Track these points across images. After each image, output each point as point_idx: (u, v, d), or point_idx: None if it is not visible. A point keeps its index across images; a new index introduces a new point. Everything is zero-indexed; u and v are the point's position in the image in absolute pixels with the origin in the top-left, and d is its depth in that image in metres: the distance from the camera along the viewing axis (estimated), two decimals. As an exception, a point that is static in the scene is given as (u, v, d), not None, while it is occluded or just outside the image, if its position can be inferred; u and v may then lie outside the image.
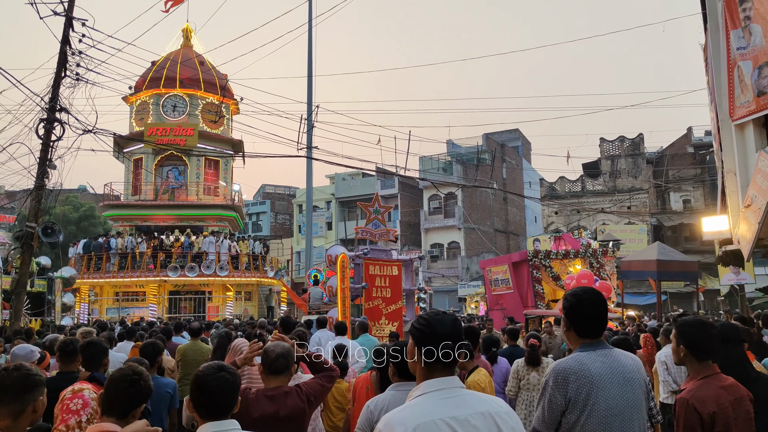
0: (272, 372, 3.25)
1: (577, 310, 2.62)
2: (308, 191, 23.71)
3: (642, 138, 40.52)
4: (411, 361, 2.22)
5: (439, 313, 2.28)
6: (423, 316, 2.23)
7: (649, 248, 15.77)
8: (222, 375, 2.43)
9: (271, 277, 28.65)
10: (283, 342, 3.35)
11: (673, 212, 39.04)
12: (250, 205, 54.22)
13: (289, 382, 3.41)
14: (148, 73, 28.37)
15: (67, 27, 13.47)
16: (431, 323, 2.17)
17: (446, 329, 2.16)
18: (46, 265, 16.43)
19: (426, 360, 2.13)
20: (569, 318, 2.65)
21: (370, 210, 11.11)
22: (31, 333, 10.83)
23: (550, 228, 41.54)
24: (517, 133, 55.58)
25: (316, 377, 3.50)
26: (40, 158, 12.96)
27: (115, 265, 26.03)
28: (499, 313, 17.55)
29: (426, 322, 2.17)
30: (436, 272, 42.08)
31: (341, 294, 10.17)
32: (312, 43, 23.59)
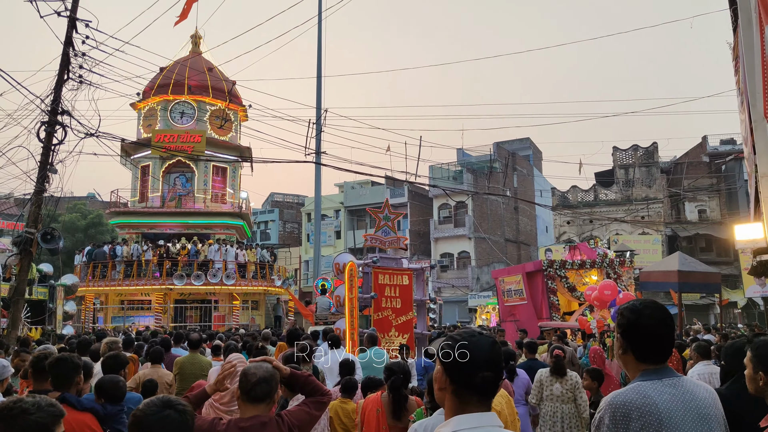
0: (251, 399, 2.74)
1: (637, 328, 2.12)
2: (317, 197, 23.30)
3: (656, 147, 39.89)
4: (439, 391, 1.86)
5: (475, 333, 1.89)
6: (455, 337, 1.89)
7: (669, 258, 15.18)
8: (167, 414, 1.96)
9: (279, 286, 28.20)
10: (265, 364, 2.84)
11: (688, 222, 38.30)
12: (258, 214, 53.92)
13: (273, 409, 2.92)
14: (156, 80, 28.15)
15: (71, 28, 13.14)
16: (465, 346, 1.83)
17: (484, 354, 1.81)
18: (48, 273, 16.06)
19: (458, 391, 1.80)
20: (627, 338, 2.14)
21: (379, 216, 10.63)
22: (27, 342, 10.42)
23: (562, 238, 40.88)
24: (527, 142, 55.07)
25: (303, 403, 2.97)
26: (40, 162, 12.60)
27: (120, 272, 25.67)
28: (512, 325, 16.99)
29: (460, 346, 1.84)
30: (446, 282, 41.49)
31: (349, 304, 9.67)
32: (321, 45, 23.26)
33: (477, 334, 1.89)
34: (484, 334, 1.92)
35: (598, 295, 9.04)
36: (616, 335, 2.21)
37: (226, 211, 29.09)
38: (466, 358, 1.79)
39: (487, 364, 1.80)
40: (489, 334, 1.99)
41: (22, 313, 14.77)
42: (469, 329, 2.04)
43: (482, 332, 1.96)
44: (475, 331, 1.97)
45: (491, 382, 1.79)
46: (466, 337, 1.86)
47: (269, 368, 2.77)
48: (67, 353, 3.56)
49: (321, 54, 23.22)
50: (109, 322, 26.01)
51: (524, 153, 53.31)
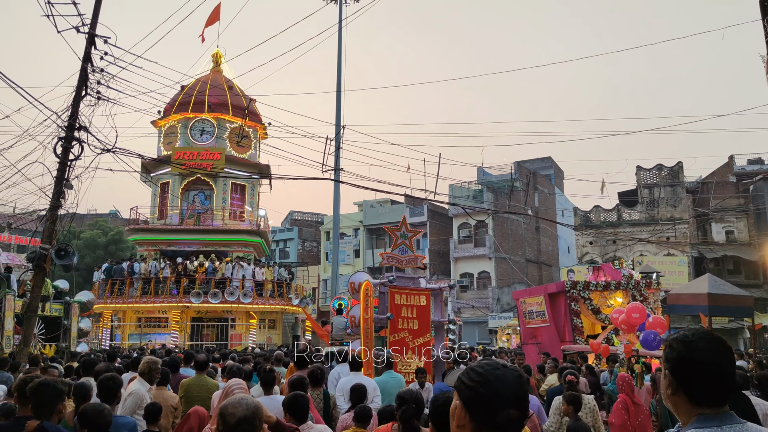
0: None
1: (690, 363, 1.77)
2: (335, 215, 23.07)
3: (681, 166, 39.13)
4: (457, 429, 1.68)
5: (498, 366, 1.69)
6: (477, 370, 1.71)
7: (698, 280, 14.60)
8: None
9: (296, 305, 27.92)
10: (247, 399, 2.48)
11: (715, 244, 37.33)
12: (277, 232, 53.93)
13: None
14: (177, 98, 28.34)
15: (89, 44, 13.15)
16: (489, 381, 1.65)
17: (510, 390, 1.63)
18: (64, 289, 15.96)
19: (480, 429, 1.62)
20: (677, 376, 1.79)
21: (396, 234, 10.30)
22: (37, 360, 10.22)
23: (585, 259, 40.11)
24: (549, 161, 54.52)
25: None
26: (56, 177, 12.54)
27: (138, 290, 25.61)
28: (534, 347, 16.47)
29: (482, 379, 1.66)
30: (465, 303, 40.89)
31: (364, 325, 9.33)
32: (341, 60, 23.18)
33: (501, 366, 1.69)
34: (509, 366, 1.71)
35: (625, 318, 8.58)
36: (663, 372, 1.86)
37: (244, 228, 28.99)
38: (490, 392, 1.61)
39: (513, 401, 1.61)
40: (514, 368, 1.74)
41: (36, 330, 14.66)
42: (492, 361, 1.78)
43: (507, 365, 1.72)
44: (499, 362, 1.73)
45: (517, 420, 1.60)
46: (490, 370, 1.67)
47: (251, 405, 2.40)
48: (51, 379, 3.28)
49: (341, 68, 23.15)
50: (126, 339, 25.90)
51: (545, 172, 52.76)
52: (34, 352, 13.81)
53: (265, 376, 6.37)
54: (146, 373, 6.60)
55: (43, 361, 12.09)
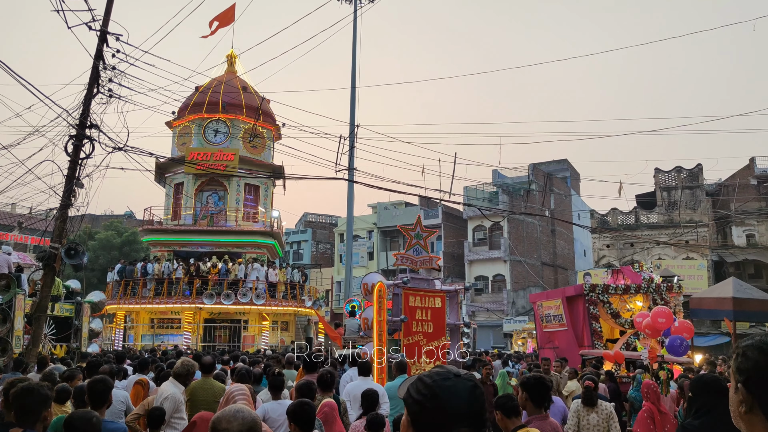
0: None
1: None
2: (349, 215, 22.82)
3: (701, 168, 38.43)
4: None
5: (450, 376, 1.50)
6: (425, 381, 1.51)
7: (723, 284, 14.14)
8: None
9: (309, 307, 27.71)
10: (244, 411, 2.14)
11: (735, 247, 36.58)
12: (291, 234, 53.82)
13: None
14: (191, 98, 28.29)
15: (101, 42, 13.01)
16: (437, 394, 1.46)
17: (461, 404, 1.44)
18: (75, 289, 15.84)
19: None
20: (754, 390, 1.49)
21: (411, 234, 10.01)
22: (45, 361, 10.05)
23: (602, 262, 39.52)
24: (565, 164, 53.95)
25: None
26: (67, 176, 12.40)
27: (151, 290, 25.53)
28: (551, 352, 16.08)
29: (429, 392, 1.47)
30: (480, 306, 40.46)
31: (377, 327, 9.05)
32: (356, 56, 22.94)
33: (454, 376, 1.50)
34: (462, 376, 1.52)
35: (650, 323, 8.20)
36: (734, 385, 1.55)
37: (258, 230, 28.84)
38: (439, 407, 1.43)
39: (465, 418, 1.43)
40: (469, 377, 1.53)
41: (47, 330, 14.55)
42: (444, 369, 1.56)
43: (460, 374, 1.53)
44: (451, 371, 1.52)
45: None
46: (439, 380, 1.48)
47: (247, 419, 2.08)
48: (36, 383, 3.03)
49: (355, 63, 22.89)
50: (139, 340, 25.84)
51: (562, 175, 52.19)
52: (44, 353, 13.68)
53: (273, 379, 6.12)
54: (182, 375, 6.42)
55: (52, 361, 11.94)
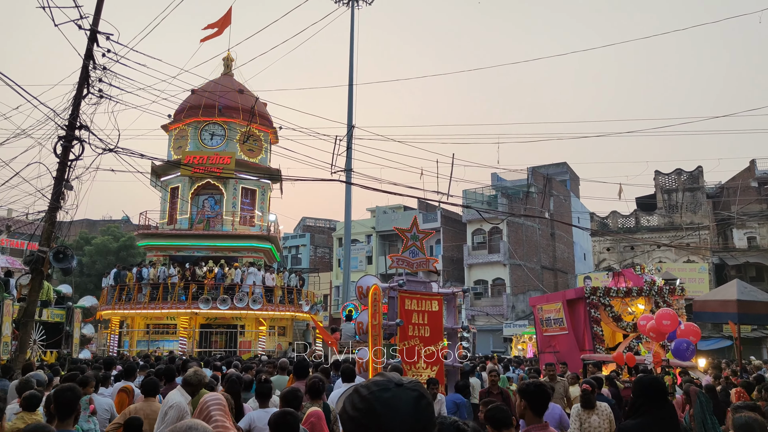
0: None
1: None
2: (346, 218, 22.53)
3: (701, 171, 38.21)
4: None
5: (390, 386, 1.27)
6: (362, 393, 1.30)
7: (727, 286, 13.87)
8: None
9: (306, 312, 27.40)
10: (197, 427, 1.85)
11: (737, 250, 36.31)
12: (289, 238, 53.53)
13: None
14: (187, 102, 28.05)
15: (91, 41, 12.76)
16: (374, 409, 1.24)
17: (402, 421, 1.22)
18: (66, 294, 15.54)
19: None
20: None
21: (407, 235, 9.72)
22: (30, 368, 9.74)
23: (602, 265, 39.26)
24: (564, 167, 53.74)
25: None
26: (56, 178, 12.12)
27: (146, 296, 25.21)
28: (552, 356, 15.79)
29: (366, 406, 1.26)
30: (479, 310, 40.15)
31: (372, 331, 8.76)
32: (353, 52, 22.69)
33: (394, 385, 1.29)
34: (405, 385, 1.30)
35: (654, 326, 7.92)
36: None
37: (254, 234, 28.55)
38: (377, 425, 1.23)
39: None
40: (413, 386, 1.30)
41: (37, 336, 14.26)
42: (384, 378, 1.31)
43: (402, 382, 1.31)
44: (392, 380, 1.31)
45: None
46: (376, 391, 1.27)
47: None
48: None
49: (353, 58, 22.64)
50: (135, 346, 25.52)
51: (561, 178, 51.96)
52: (33, 359, 13.38)
53: (260, 386, 5.83)
54: (193, 384, 6.17)
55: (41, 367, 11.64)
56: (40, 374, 7.09)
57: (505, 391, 7.78)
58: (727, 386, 9.09)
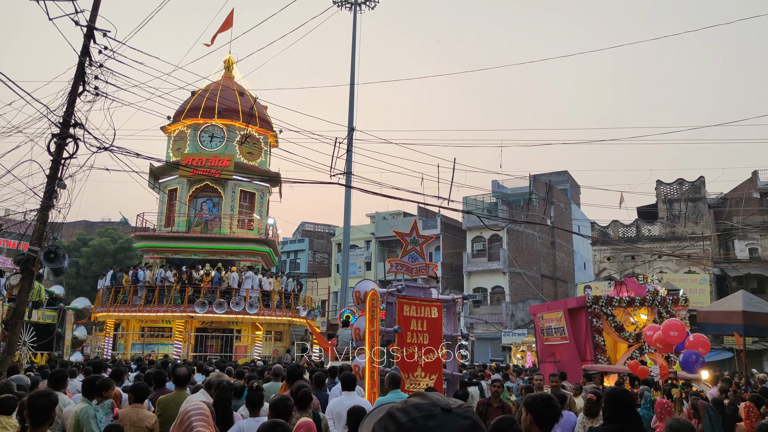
0: None
1: None
2: (345, 221, 22.28)
3: (703, 181, 38.00)
4: None
5: (436, 411, 0.98)
6: (402, 421, 1.00)
7: (732, 297, 13.60)
8: None
9: (304, 317, 27.08)
10: None
11: (738, 261, 36.05)
12: (288, 243, 53.25)
13: None
14: (187, 103, 27.85)
15: (88, 38, 12.54)
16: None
17: None
18: (59, 295, 15.26)
19: None
20: None
21: (406, 240, 9.47)
22: (15, 370, 9.48)
23: (602, 275, 39.00)
24: (565, 175, 53.54)
25: None
26: (49, 176, 11.87)
27: (141, 298, 24.90)
28: (552, 366, 15.50)
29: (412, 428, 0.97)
30: (478, 318, 39.83)
31: (369, 338, 8.49)
32: (355, 51, 22.48)
33: (441, 411, 1.01)
34: (453, 411, 1.03)
35: (661, 336, 7.66)
36: None
37: (253, 237, 28.27)
38: None
39: None
40: (464, 411, 1.03)
41: (27, 337, 13.98)
42: (427, 401, 1.04)
43: (450, 407, 1.03)
44: (437, 403, 1.03)
45: None
46: (419, 418, 0.99)
47: None
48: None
49: (354, 56, 22.43)
50: (129, 349, 25.19)
51: (562, 186, 51.75)
52: (23, 361, 13.10)
53: (251, 395, 5.55)
54: (215, 386, 6.12)
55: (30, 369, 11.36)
56: (22, 378, 6.82)
57: (506, 405, 7.36)
58: (735, 400, 8.81)
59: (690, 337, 7.63)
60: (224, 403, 5.68)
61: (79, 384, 9.62)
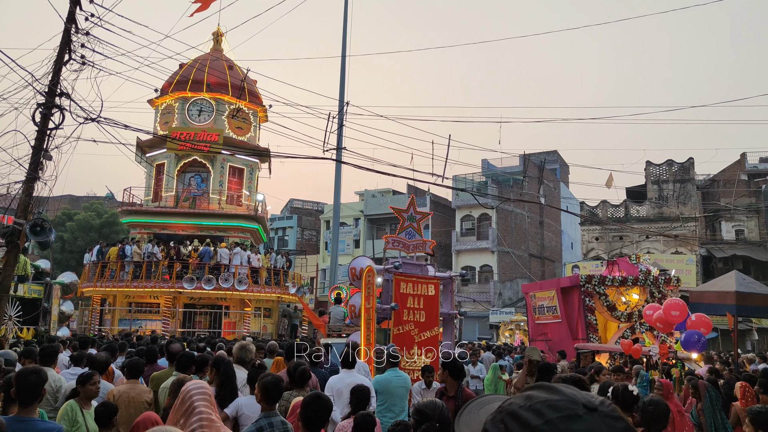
0: None
1: None
2: (335, 198, 22.03)
3: (692, 162, 38.09)
4: None
5: (577, 410, 0.76)
6: (534, 424, 0.77)
7: (725, 277, 13.58)
8: None
9: (293, 294, 26.94)
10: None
11: (725, 242, 36.33)
12: (276, 219, 52.93)
13: None
14: (174, 76, 27.26)
15: (74, 4, 12.11)
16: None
17: None
18: (45, 269, 14.96)
19: None
20: None
21: (403, 216, 9.29)
22: (0, 345, 9.25)
23: (590, 255, 39.17)
24: (555, 155, 53.52)
25: None
26: (34, 147, 11.52)
27: (128, 273, 24.58)
28: (543, 344, 15.53)
29: None
30: (466, 297, 39.94)
31: (365, 315, 8.35)
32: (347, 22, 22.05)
33: (583, 410, 0.78)
34: (598, 410, 0.79)
35: (662, 316, 7.58)
36: None
37: (241, 213, 27.96)
38: None
39: None
40: (611, 411, 0.81)
41: (12, 312, 13.71)
42: (563, 397, 0.81)
43: (594, 404, 0.79)
44: (577, 400, 0.80)
45: None
46: (557, 420, 0.76)
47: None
48: None
49: (346, 29, 22.00)
50: (116, 324, 24.94)
51: (551, 166, 51.74)
52: (9, 336, 12.86)
53: (253, 372, 5.39)
54: (244, 361, 6.02)
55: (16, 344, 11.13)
56: (10, 353, 6.61)
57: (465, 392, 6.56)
58: (730, 380, 8.81)
59: (692, 316, 7.56)
60: (230, 380, 5.50)
61: (66, 359, 9.46)
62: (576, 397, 0.77)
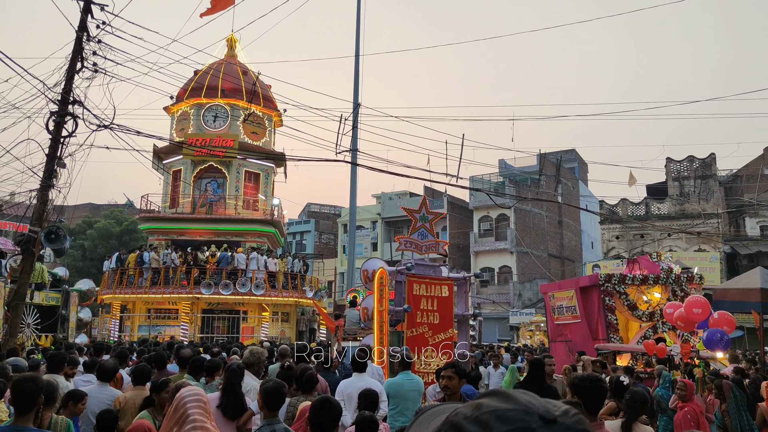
0: None
1: None
2: (351, 200, 21.94)
3: (714, 158, 37.39)
4: None
5: (531, 425, 0.64)
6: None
7: (749, 274, 13.25)
8: None
9: (310, 298, 26.92)
10: None
11: (749, 239, 35.59)
12: (294, 224, 53.06)
13: None
14: (189, 83, 27.43)
15: (85, 12, 12.18)
16: None
17: None
18: (63, 277, 15.06)
19: None
20: None
21: (415, 216, 9.14)
22: (15, 352, 9.27)
23: (611, 254, 38.61)
24: (573, 154, 52.96)
25: None
26: (48, 155, 11.59)
27: (147, 280, 24.74)
28: (563, 345, 15.27)
29: None
30: (485, 298, 39.61)
31: (378, 318, 8.21)
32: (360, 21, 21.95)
33: (539, 422, 0.67)
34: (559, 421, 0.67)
35: (683, 314, 7.34)
36: None
37: (258, 218, 28.02)
38: None
39: None
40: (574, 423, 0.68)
41: (31, 320, 13.81)
42: (516, 405, 0.69)
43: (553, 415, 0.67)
44: (532, 410, 0.67)
45: None
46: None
47: None
48: None
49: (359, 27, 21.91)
50: (136, 330, 25.12)
51: (569, 165, 51.20)
52: (27, 343, 12.94)
53: (282, 373, 5.29)
54: (253, 365, 5.89)
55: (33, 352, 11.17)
56: (19, 360, 6.58)
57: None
58: (756, 379, 8.52)
59: (714, 314, 7.32)
60: (234, 388, 5.40)
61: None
62: (532, 407, 0.63)
